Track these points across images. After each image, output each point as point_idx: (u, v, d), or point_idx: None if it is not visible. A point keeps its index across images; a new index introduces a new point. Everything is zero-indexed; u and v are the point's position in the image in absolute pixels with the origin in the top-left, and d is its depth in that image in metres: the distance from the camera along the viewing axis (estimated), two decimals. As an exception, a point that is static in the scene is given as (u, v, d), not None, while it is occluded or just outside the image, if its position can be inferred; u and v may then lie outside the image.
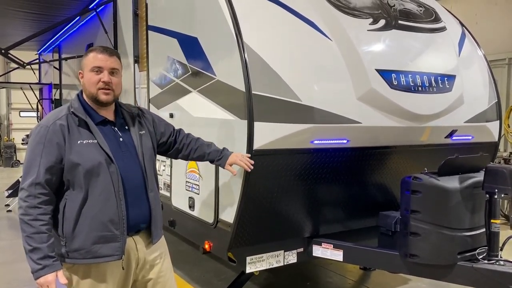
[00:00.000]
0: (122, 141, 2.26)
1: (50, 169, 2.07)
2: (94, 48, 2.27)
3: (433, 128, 3.52)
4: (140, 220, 2.27)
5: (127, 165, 2.22)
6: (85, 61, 2.23)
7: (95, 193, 2.11)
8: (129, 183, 2.20)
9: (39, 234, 2.03)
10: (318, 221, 3.42)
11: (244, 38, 2.92)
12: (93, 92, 2.19)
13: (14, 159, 15.38)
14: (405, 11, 3.67)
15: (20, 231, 2.06)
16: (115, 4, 5.24)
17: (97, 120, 2.22)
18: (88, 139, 2.14)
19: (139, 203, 2.25)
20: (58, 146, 2.09)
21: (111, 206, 2.13)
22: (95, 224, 2.11)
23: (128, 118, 2.36)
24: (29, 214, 2.04)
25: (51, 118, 2.15)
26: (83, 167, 2.09)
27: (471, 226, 2.86)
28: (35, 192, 2.05)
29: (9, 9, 6.30)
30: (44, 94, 10.10)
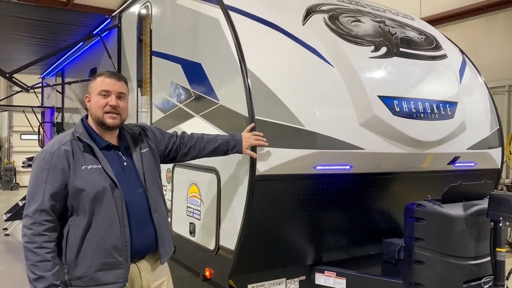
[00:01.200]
0: (126, 165, 2.27)
1: (55, 196, 2.07)
2: (102, 72, 2.30)
3: (435, 154, 3.52)
4: (145, 245, 2.26)
5: (131, 189, 2.22)
6: (92, 85, 2.25)
7: (99, 219, 2.10)
8: (133, 208, 2.20)
9: (44, 262, 2.00)
10: (320, 248, 3.38)
11: (248, 64, 2.95)
12: (99, 115, 2.21)
13: (13, 182, 15.36)
14: (406, 38, 3.73)
15: (17, 255, 2.04)
16: (119, 30, 5.32)
17: (101, 145, 2.22)
18: (92, 164, 2.14)
19: (143, 227, 2.24)
20: (62, 172, 2.08)
21: (115, 232, 2.11)
22: (99, 250, 2.09)
23: (130, 140, 2.36)
24: (34, 241, 2.01)
25: (56, 144, 2.16)
26: (88, 192, 2.09)
27: (476, 254, 2.82)
28: (40, 219, 2.03)
29: (14, 34, 6.40)
30: (46, 118, 10.15)
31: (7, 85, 15.61)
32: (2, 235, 8.03)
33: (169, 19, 4.07)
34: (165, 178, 3.90)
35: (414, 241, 2.88)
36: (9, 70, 5.80)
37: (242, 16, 3.20)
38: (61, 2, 13.61)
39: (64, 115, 8.24)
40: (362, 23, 3.59)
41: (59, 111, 8.51)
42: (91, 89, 2.26)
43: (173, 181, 3.84)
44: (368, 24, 3.62)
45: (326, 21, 3.41)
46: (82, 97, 7.00)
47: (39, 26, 6.05)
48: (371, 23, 3.65)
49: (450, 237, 2.79)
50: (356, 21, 3.58)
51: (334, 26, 3.40)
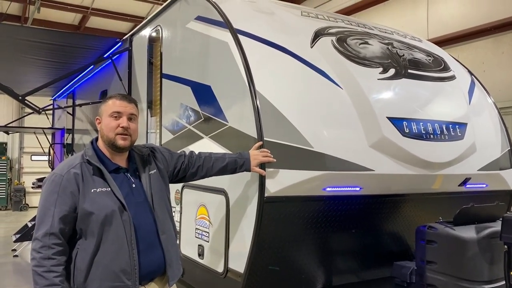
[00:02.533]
0: (134, 187, 2.27)
1: (64, 219, 2.07)
2: (114, 95, 2.33)
3: (445, 176, 3.49)
4: (153, 268, 2.24)
5: (139, 211, 2.22)
6: (104, 107, 2.28)
7: (108, 242, 2.10)
8: (141, 230, 2.19)
9: (53, 287, 2.00)
10: (330, 271, 3.33)
11: (256, 86, 2.98)
12: (111, 137, 2.22)
13: (23, 203, 15.41)
14: (414, 60, 3.74)
15: (25, 277, 2.03)
16: (130, 53, 5.41)
17: (110, 168, 2.23)
18: (102, 187, 2.14)
19: (152, 249, 2.23)
20: (72, 195, 2.09)
21: (123, 256, 2.10)
22: (107, 274, 2.08)
23: (139, 162, 2.37)
24: (42, 265, 2.01)
25: (65, 167, 2.17)
26: (97, 215, 2.09)
27: (490, 278, 2.76)
28: (49, 242, 2.03)
29: (27, 57, 6.52)
30: (57, 139, 10.26)
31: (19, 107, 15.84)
32: (11, 256, 8.02)
33: (179, 42, 4.14)
34: (173, 199, 3.90)
35: (426, 264, 2.83)
36: (22, 93, 5.91)
37: (251, 39, 3.25)
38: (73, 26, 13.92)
39: (74, 136, 8.33)
40: (370, 45, 3.61)
41: (70, 132, 8.60)
42: (102, 111, 2.28)
43: (182, 202, 3.84)
44: (376, 46, 3.64)
45: (334, 43, 3.45)
46: (93, 119, 7.08)
47: (52, 49, 6.17)
48: (379, 45, 3.68)
49: (462, 260, 2.74)
50: (364, 43, 3.61)
51: (342, 48, 3.43)
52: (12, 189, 15.56)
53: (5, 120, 11.55)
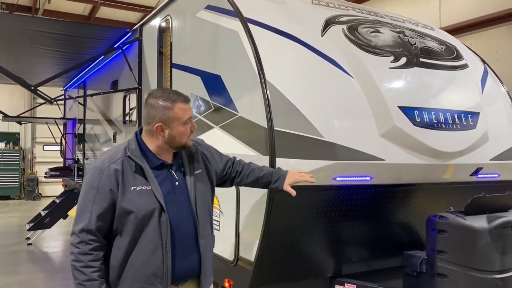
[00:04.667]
0: (177, 185, 2.16)
1: (102, 216, 2.02)
2: (175, 98, 2.14)
3: (457, 165, 3.46)
4: (188, 273, 2.17)
5: (180, 212, 2.13)
6: (172, 115, 2.10)
7: (143, 243, 2.04)
8: (179, 233, 2.11)
9: (91, 282, 1.98)
10: (341, 260, 3.34)
11: (267, 75, 2.97)
12: (184, 142, 2.16)
13: (36, 192, 15.63)
14: (426, 49, 3.70)
15: (39, 265, 2.03)
16: (140, 43, 5.41)
17: (154, 165, 2.13)
18: (142, 185, 2.05)
19: (188, 254, 2.15)
20: (111, 193, 2.02)
21: (156, 259, 2.04)
22: (139, 275, 2.04)
23: (185, 159, 2.25)
24: (80, 260, 1.99)
25: (106, 161, 2.08)
26: (134, 215, 2.02)
27: (501, 268, 2.75)
28: (87, 238, 2.00)
29: (39, 48, 6.57)
30: (68, 129, 10.36)
31: (31, 98, 15.99)
32: (25, 244, 8.16)
33: (189, 32, 4.13)
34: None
35: (436, 253, 2.82)
36: (34, 83, 5.96)
37: (261, 28, 3.23)
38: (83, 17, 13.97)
39: (86, 126, 8.40)
40: (381, 34, 3.58)
41: (81, 122, 8.68)
42: (170, 118, 2.10)
43: (193, 192, 3.86)
44: (388, 35, 3.61)
45: (345, 32, 3.42)
46: (104, 109, 7.13)
47: (63, 40, 6.21)
48: (390, 34, 3.64)
49: (474, 250, 2.73)
50: (375, 31, 3.57)
51: (353, 37, 3.40)
52: (25, 178, 15.78)
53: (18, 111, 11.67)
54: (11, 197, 15.61)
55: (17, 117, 10.10)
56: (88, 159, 8.12)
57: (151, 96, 2.17)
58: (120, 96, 6.10)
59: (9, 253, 7.60)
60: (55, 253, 7.85)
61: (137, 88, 5.39)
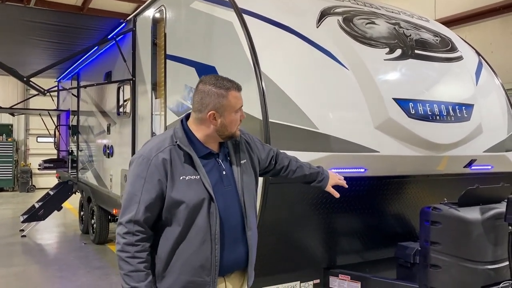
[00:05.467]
0: (225, 175, 2.11)
1: (150, 207, 1.97)
2: (229, 86, 2.07)
3: (451, 157, 3.48)
4: (234, 265, 2.13)
5: (228, 202, 2.08)
6: (225, 103, 2.04)
7: (192, 234, 1.99)
8: (228, 224, 2.05)
9: (137, 273, 1.94)
10: (335, 252, 3.37)
11: (262, 67, 2.96)
12: (234, 131, 2.10)
13: (29, 184, 15.56)
14: (421, 40, 3.70)
15: (34, 256, 2.01)
16: (134, 33, 5.37)
17: (201, 153, 2.06)
18: (191, 175, 2.00)
19: (235, 246, 2.10)
20: (159, 183, 1.97)
21: (205, 250, 2.00)
22: (187, 267, 1.99)
23: (231, 148, 2.19)
24: (126, 251, 1.95)
25: (154, 149, 2.01)
26: (185, 205, 1.97)
27: (494, 259, 2.78)
28: (134, 229, 1.95)
29: (31, 39, 6.50)
30: (62, 120, 10.30)
31: (24, 89, 15.85)
32: (18, 236, 8.13)
33: (184, 22, 4.10)
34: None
35: (430, 245, 2.85)
36: (26, 74, 5.90)
37: (256, 19, 3.21)
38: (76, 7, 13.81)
39: (80, 118, 8.35)
40: (376, 25, 3.57)
41: (75, 114, 8.63)
42: (222, 106, 2.03)
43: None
44: (383, 26, 3.60)
45: (341, 23, 3.41)
46: (97, 100, 7.08)
47: (55, 30, 6.14)
48: (385, 25, 3.63)
49: (467, 241, 2.76)
50: (371, 23, 3.56)
51: (348, 28, 3.39)
52: (19, 170, 15.70)
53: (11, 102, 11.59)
54: (5, 189, 15.55)
55: (10, 108, 10.04)
56: (82, 151, 8.09)
57: (204, 82, 2.09)
58: (114, 88, 6.06)
59: (3, 245, 7.58)
60: (50, 245, 7.83)
61: (131, 80, 5.36)
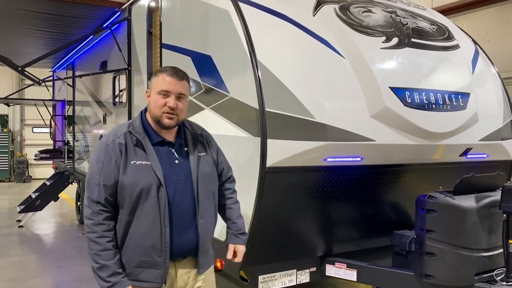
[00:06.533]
0: (177, 164, 2.18)
1: (109, 188, 2.07)
2: (165, 69, 2.21)
3: (447, 146, 3.49)
4: (186, 248, 2.18)
5: (179, 189, 2.15)
6: (154, 81, 2.18)
7: (141, 216, 2.08)
8: (177, 209, 2.13)
9: (106, 251, 2.03)
10: (331, 240, 3.38)
11: (258, 56, 2.94)
12: (157, 114, 2.15)
13: (26, 175, 15.54)
14: (418, 29, 3.68)
15: (31, 247, 2.04)
16: (129, 22, 5.32)
17: (154, 141, 2.17)
18: (142, 160, 2.10)
19: (186, 231, 2.16)
20: (116, 165, 2.08)
21: (155, 232, 2.08)
22: (138, 247, 2.09)
23: (189, 139, 2.27)
24: (94, 231, 2.04)
25: (111, 136, 2.15)
26: (133, 189, 2.06)
27: (488, 246, 2.81)
28: (97, 209, 2.06)
29: (25, 28, 6.44)
30: (58, 111, 10.24)
31: (18, 79, 15.74)
32: (16, 226, 8.14)
33: (179, 11, 4.07)
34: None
35: (425, 233, 2.86)
36: (21, 64, 5.85)
37: (252, 7, 3.19)
38: (71, -4, 13.63)
39: (75, 108, 8.31)
40: (373, 14, 3.55)
41: (70, 104, 8.58)
42: (152, 85, 2.20)
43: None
44: (379, 15, 3.58)
45: (337, 11, 3.38)
46: (93, 90, 7.04)
47: (49, 19, 6.08)
48: (382, 14, 3.61)
49: (462, 229, 2.77)
50: (367, 11, 3.54)
51: (345, 16, 3.37)
52: (15, 161, 15.66)
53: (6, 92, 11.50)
54: (1, 180, 15.52)
55: (5, 98, 9.95)
56: (78, 141, 8.06)
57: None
58: (110, 77, 6.02)
59: (0, 235, 7.59)
60: (47, 235, 7.85)
61: (126, 69, 5.32)
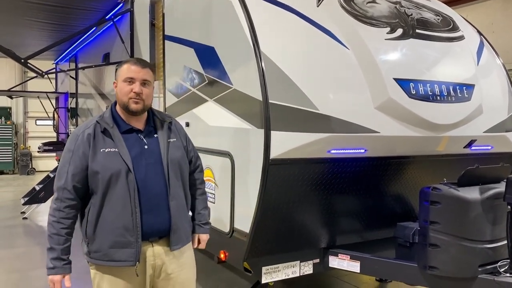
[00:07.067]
0: (146, 149, 2.33)
1: (76, 176, 2.23)
2: (129, 60, 2.40)
3: (451, 137, 3.48)
4: (157, 228, 2.32)
5: (148, 173, 2.29)
6: (119, 72, 2.35)
7: (112, 200, 2.23)
8: (147, 192, 2.27)
9: (58, 236, 2.22)
10: (334, 232, 3.39)
11: (261, 47, 2.93)
12: (124, 101, 2.31)
13: (29, 167, 15.58)
14: (423, 20, 3.65)
15: (35, 238, 2.11)
16: (132, 14, 5.30)
17: (123, 129, 2.32)
18: (110, 148, 2.25)
19: (157, 211, 2.30)
20: (83, 155, 2.24)
21: (126, 214, 2.23)
22: (111, 229, 2.24)
23: (158, 126, 2.43)
24: (54, 216, 2.24)
25: (82, 127, 2.33)
26: (102, 175, 2.22)
27: (492, 238, 2.80)
28: (63, 196, 2.23)
29: (28, 20, 6.42)
30: (60, 103, 10.24)
31: (21, 72, 15.73)
32: (20, 218, 8.18)
33: (182, 2, 4.04)
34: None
35: (429, 224, 2.86)
36: (23, 56, 5.85)
37: (256, -2, 3.16)
38: (73, -13, 13.57)
39: (78, 100, 8.31)
40: (377, 4, 3.52)
41: (73, 96, 8.58)
42: (117, 75, 2.35)
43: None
44: (384, 5, 3.55)
45: (341, 2, 3.36)
46: (96, 82, 7.04)
47: (52, 11, 6.06)
48: (386, 4, 3.58)
49: (466, 221, 2.77)
50: (372, 2, 3.51)
51: (349, 7, 3.34)
52: (19, 153, 15.70)
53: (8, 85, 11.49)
54: (5, 172, 15.56)
55: (8, 91, 9.96)
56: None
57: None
58: (112, 69, 6.01)
59: (5, 227, 7.62)
60: (51, 227, 7.90)
61: (129, 61, 5.30)
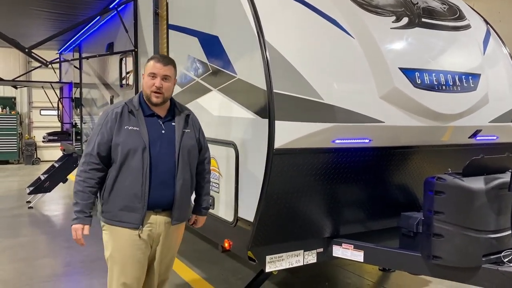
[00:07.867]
0: (163, 133, 2.69)
1: (101, 145, 2.61)
2: (154, 56, 2.77)
3: (456, 127, 3.46)
4: (162, 201, 2.67)
5: (161, 154, 2.64)
6: (146, 67, 2.71)
7: (128, 170, 2.60)
8: (158, 169, 2.63)
9: (82, 193, 2.60)
10: (338, 221, 3.39)
11: (266, 36, 2.91)
12: (148, 93, 2.68)
13: (34, 157, 15.65)
14: (429, 8, 3.62)
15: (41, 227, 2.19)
16: (135, 3, 5.28)
17: (146, 113, 2.70)
18: (133, 126, 2.63)
19: (164, 187, 2.65)
20: (110, 129, 2.62)
21: (137, 183, 2.59)
22: (123, 194, 2.61)
23: (177, 116, 2.77)
24: (80, 176, 2.62)
25: (113, 106, 2.72)
26: (122, 148, 2.59)
27: (496, 228, 2.80)
28: (88, 160, 2.62)
29: (32, 9, 6.40)
30: (65, 93, 10.25)
31: (25, 61, 15.72)
32: (25, 208, 8.24)
33: (186, -9, 4.01)
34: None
35: (433, 214, 2.85)
36: (28, 46, 5.84)
37: (260, -13, 3.13)
38: (77, -24, 13.51)
39: (82, 90, 8.31)
40: (383, -7, 3.48)
41: (77, 86, 8.58)
42: (145, 70, 2.71)
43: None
44: (389, -6, 3.51)
45: (346, -10, 3.32)
46: (100, 72, 7.04)
47: (56, 0, 6.04)
48: (392, -7, 3.54)
49: (470, 211, 2.76)
50: (377, -10, 3.47)
51: (354, -4, 3.31)
52: (23, 143, 15.76)
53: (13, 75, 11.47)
54: (10, 162, 15.65)
55: (12, 81, 9.96)
56: (86, 123, 8.09)
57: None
58: (116, 59, 6.00)
59: (11, 216, 7.69)
60: (56, 216, 7.94)
61: (133, 51, 5.30)
